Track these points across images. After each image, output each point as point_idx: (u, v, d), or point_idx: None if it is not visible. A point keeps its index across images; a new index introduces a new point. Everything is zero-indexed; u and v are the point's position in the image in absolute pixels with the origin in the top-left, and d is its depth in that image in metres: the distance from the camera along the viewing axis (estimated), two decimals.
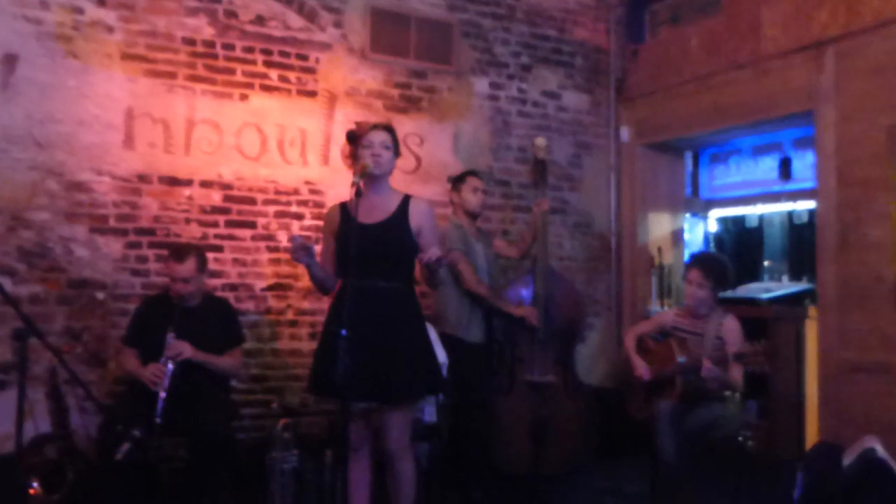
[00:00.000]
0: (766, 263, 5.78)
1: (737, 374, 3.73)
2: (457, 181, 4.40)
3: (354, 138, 3.05)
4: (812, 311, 4.72)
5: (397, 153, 3.09)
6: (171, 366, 3.41)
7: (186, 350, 3.48)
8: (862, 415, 4.17)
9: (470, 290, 4.13)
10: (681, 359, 3.76)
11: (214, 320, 3.75)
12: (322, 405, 4.51)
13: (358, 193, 2.75)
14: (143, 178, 4.25)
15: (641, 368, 3.95)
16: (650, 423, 3.77)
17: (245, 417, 4.36)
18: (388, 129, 3.07)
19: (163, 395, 3.33)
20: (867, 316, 4.19)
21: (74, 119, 4.09)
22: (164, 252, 3.97)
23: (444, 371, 3.98)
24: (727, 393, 3.84)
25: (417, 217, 3.03)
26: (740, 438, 3.75)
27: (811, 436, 4.59)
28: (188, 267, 3.61)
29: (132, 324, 3.79)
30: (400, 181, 3.17)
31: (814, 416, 4.56)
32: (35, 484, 3.28)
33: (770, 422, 4.73)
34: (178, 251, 3.68)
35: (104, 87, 4.16)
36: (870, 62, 4.21)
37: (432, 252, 2.87)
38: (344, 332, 2.52)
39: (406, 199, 3.07)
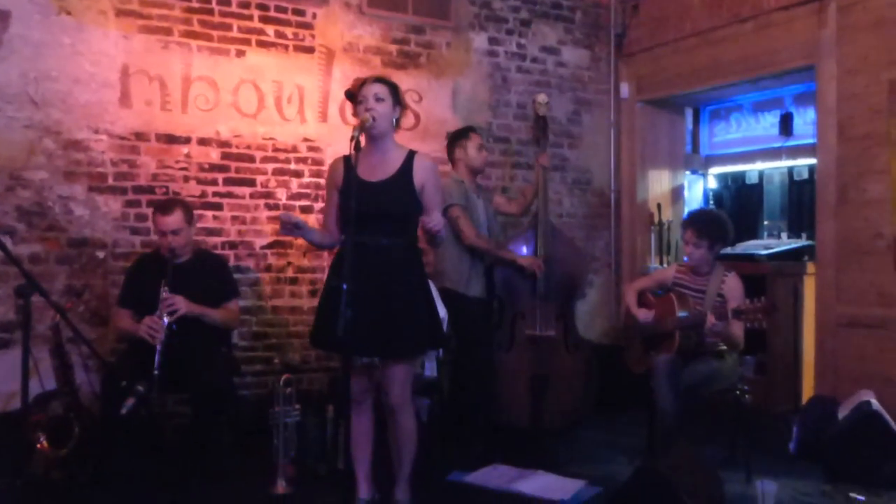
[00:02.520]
0: (765, 222, 5.78)
1: (737, 330, 3.76)
2: (460, 137, 4.37)
3: (352, 96, 3.04)
4: (811, 267, 4.74)
5: (399, 104, 3.04)
6: (166, 319, 3.43)
7: (181, 304, 3.50)
8: (858, 369, 4.22)
9: (471, 246, 4.14)
10: (681, 313, 3.79)
11: (207, 275, 3.77)
12: (323, 362, 4.57)
13: (357, 148, 2.73)
14: (140, 136, 4.23)
15: (643, 314, 3.98)
16: (648, 376, 3.82)
17: (247, 374, 4.41)
18: (383, 80, 3.03)
19: (159, 347, 3.36)
20: (865, 272, 4.21)
21: (70, 77, 4.05)
22: None
23: (446, 326, 4.02)
24: (724, 347, 3.88)
25: (421, 174, 3.01)
26: (737, 392, 3.80)
27: (808, 390, 4.64)
28: (176, 218, 3.61)
29: (125, 284, 3.80)
30: (398, 138, 3.15)
31: (810, 370, 4.61)
32: (42, 439, 3.33)
33: (767, 377, 4.77)
34: (164, 205, 3.69)
35: (99, 45, 4.12)
36: (872, 16, 4.16)
37: (436, 222, 2.89)
38: (345, 286, 2.52)
39: (411, 156, 3.05)
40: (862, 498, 3.42)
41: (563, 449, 4.29)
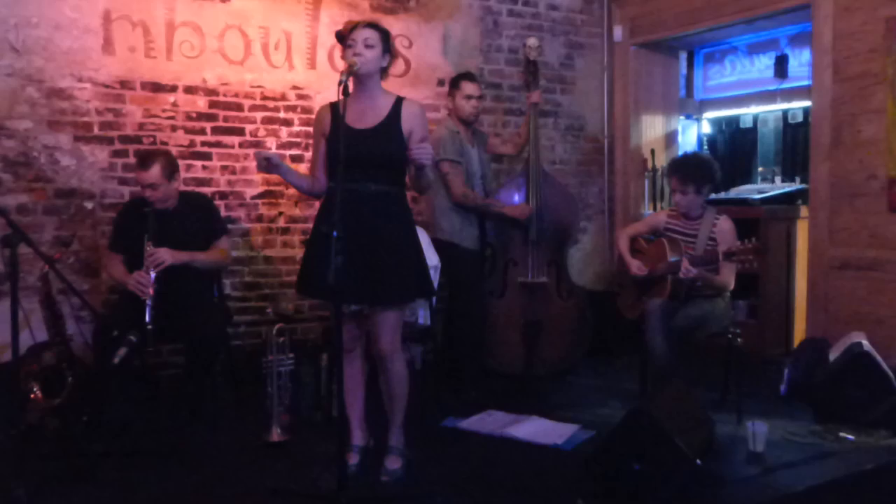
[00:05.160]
0: (759, 168, 5.74)
1: (728, 272, 3.76)
2: (451, 87, 4.33)
3: (342, 38, 2.98)
4: (804, 210, 4.73)
5: (388, 52, 2.99)
6: (153, 272, 3.42)
7: (166, 257, 3.47)
8: (849, 311, 4.23)
9: (459, 203, 4.12)
10: (672, 258, 3.78)
11: (193, 218, 3.73)
12: (317, 311, 4.57)
13: (345, 93, 2.68)
14: (125, 84, 4.14)
15: (636, 266, 3.98)
16: (641, 321, 3.83)
17: (240, 324, 4.41)
18: (373, 26, 2.97)
19: (149, 302, 3.35)
20: (858, 213, 4.20)
21: (51, 23, 3.95)
22: None
23: (438, 274, 4.01)
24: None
25: (409, 120, 2.97)
26: (729, 335, 3.81)
27: (799, 333, 4.67)
28: (154, 173, 3.55)
29: (114, 230, 3.79)
30: (388, 85, 3.10)
31: (802, 314, 4.62)
32: (36, 389, 3.34)
33: (760, 320, 4.79)
34: (144, 158, 3.62)
35: None
36: None
37: (423, 151, 2.83)
38: (336, 233, 2.50)
39: (399, 102, 3.00)
40: (852, 437, 3.46)
41: (557, 394, 4.32)
